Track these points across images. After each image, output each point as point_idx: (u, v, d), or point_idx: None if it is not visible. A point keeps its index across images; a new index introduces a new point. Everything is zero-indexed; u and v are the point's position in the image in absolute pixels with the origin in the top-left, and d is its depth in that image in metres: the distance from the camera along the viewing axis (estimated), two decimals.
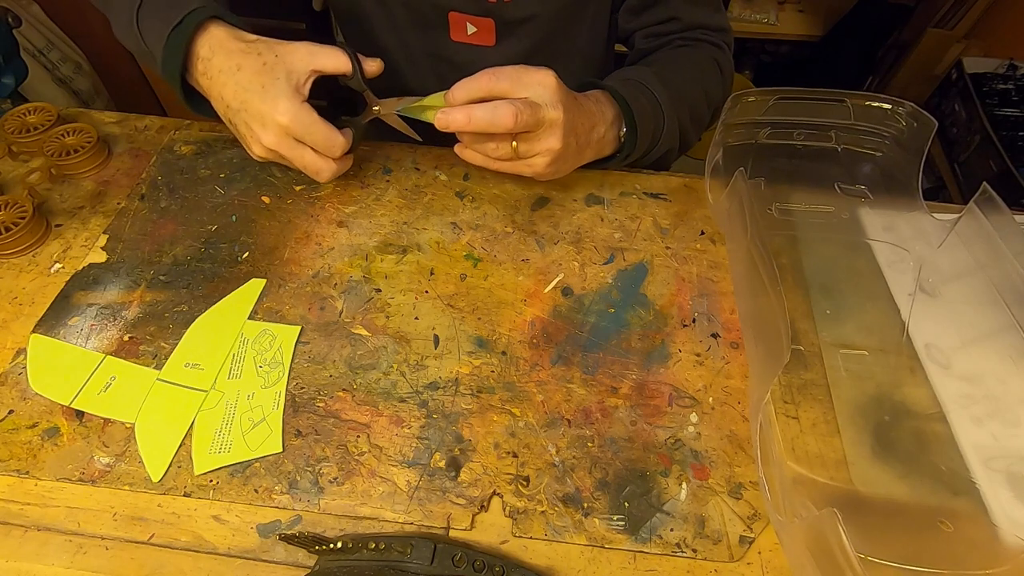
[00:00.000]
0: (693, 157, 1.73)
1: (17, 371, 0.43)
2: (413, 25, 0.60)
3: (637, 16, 0.62)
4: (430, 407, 0.42)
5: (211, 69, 0.47)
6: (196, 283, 0.48)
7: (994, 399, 0.43)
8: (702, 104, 0.58)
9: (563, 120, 0.45)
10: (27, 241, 0.49)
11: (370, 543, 0.34)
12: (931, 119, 0.51)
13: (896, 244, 0.52)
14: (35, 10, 1.25)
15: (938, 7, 1.43)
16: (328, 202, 0.54)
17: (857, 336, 0.47)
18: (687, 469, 0.40)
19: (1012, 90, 1.23)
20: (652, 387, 0.44)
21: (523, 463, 0.40)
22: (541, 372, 0.44)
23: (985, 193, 0.46)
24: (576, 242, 0.52)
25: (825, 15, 1.68)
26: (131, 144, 0.58)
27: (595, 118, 0.50)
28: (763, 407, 0.38)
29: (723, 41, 0.62)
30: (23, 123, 0.56)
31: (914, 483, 0.40)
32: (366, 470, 0.39)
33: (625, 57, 0.65)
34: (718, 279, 0.50)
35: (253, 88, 0.45)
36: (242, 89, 0.45)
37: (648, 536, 0.37)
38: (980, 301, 0.48)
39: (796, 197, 0.55)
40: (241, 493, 0.38)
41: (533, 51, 0.60)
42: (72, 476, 0.38)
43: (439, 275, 0.49)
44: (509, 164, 0.48)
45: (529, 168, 0.48)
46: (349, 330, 0.46)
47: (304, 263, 0.50)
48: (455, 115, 0.43)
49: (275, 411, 0.41)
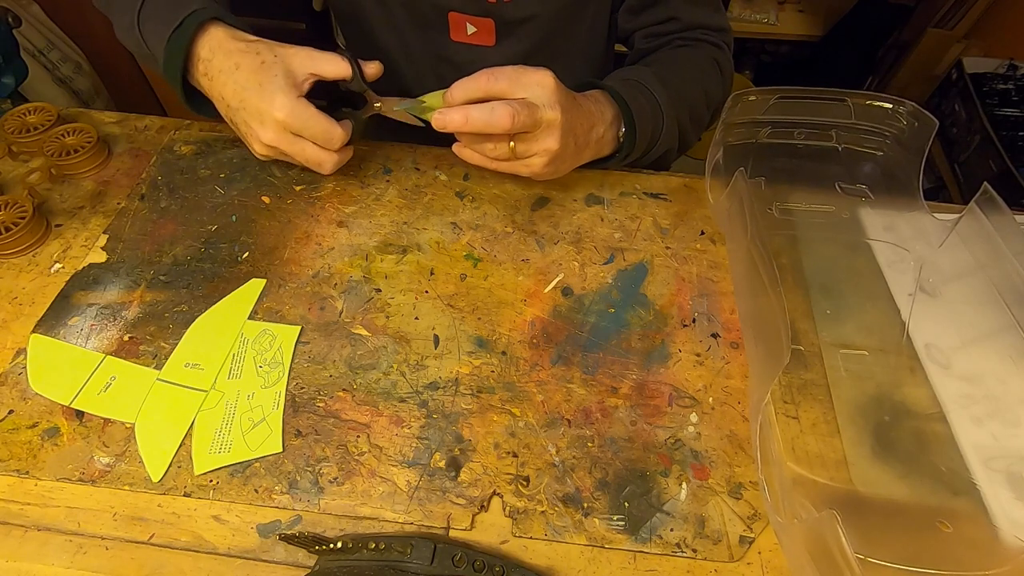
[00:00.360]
0: (693, 157, 1.72)
1: (17, 371, 0.43)
2: (413, 25, 0.60)
3: (637, 16, 0.62)
4: (430, 407, 0.42)
5: (211, 69, 0.47)
6: (196, 283, 0.48)
7: (994, 399, 0.43)
8: (701, 104, 0.58)
9: (561, 121, 0.45)
10: (27, 241, 0.49)
11: (370, 543, 0.34)
12: (932, 119, 0.51)
13: (896, 244, 0.52)
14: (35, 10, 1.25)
15: (938, 7, 1.43)
16: (328, 202, 0.54)
17: (857, 336, 0.47)
18: (687, 469, 0.40)
19: (1012, 90, 1.23)
20: (652, 387, 0.44)
21: (523, 463, 0.40)
22: (541, 372, 0.44)
23: (986, 193, 0.46)
24: (576, 242, 0.52)
25: (825, 15, 1.68)
26: (131, 144, 0.58)
27: (594, 118, 0.50)
28: (763, 407, 0.38)
29: (723, 41, 0.62)
30: (23, 123, 0.56)
31: (914, 483, 0.40)
32: (366, 470, 0.39)
33: (625, 57, 0.65)
34: (718, 279, 0.50)
35: (251, 86, 0.45)
36: (240, 88, 0.46)
37: (648, 536, 0.37)
38: (980, 301, 0.48)
39: (796, 197, 0.55)
40: (241, 493, 0.38)
41: (533, 51, 0.60)
42: (72, 476, 0.38)
43: (439, 275, 0.49)
44: (507, 164, 0.48)
45: (527, 168, 0.48)
46: (349, 330, 0.46)
47: (304, 263, 0.50)
48: (452, 115, 0.43)
49: (275, 411, 0.41)
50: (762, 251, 0.40)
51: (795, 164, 0.57)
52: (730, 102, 0.52)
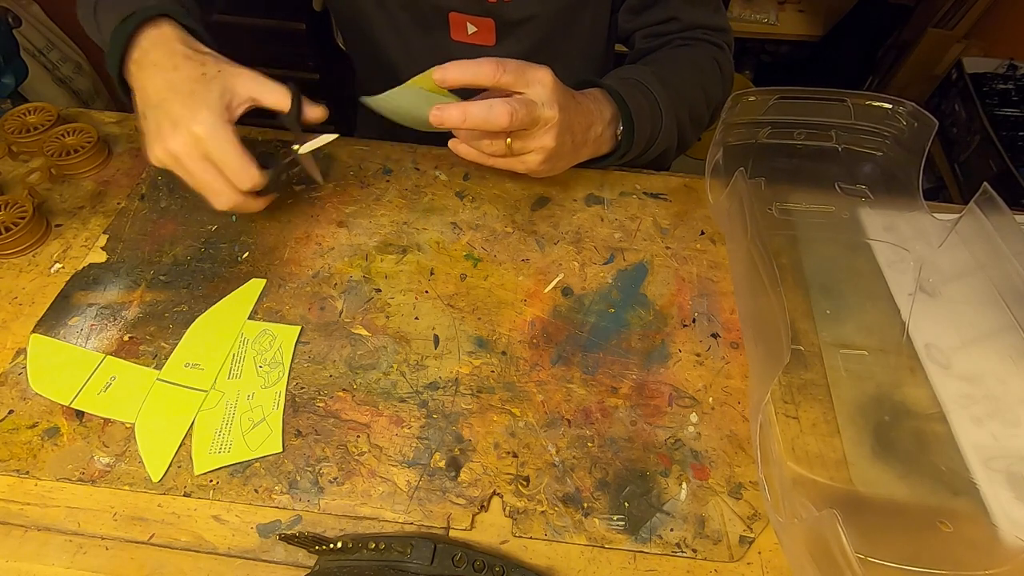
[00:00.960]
0: (693, 157, 1.73)
1: (17, 371, 0.43)
2: (413, 25, 0.60)
3: (637, 16, 0.62)
4: (430, 407, 0.42)
5: (146, 60, 0.44)
6: (196, 283, 0.48)
7: (994, 399, 0.43)
8: (701, 104, 0.58)
9: (559, 119, 0.45)
10: (27, 241, 0.49)
11: (370, 543, 0.34)
12: (932, 119, 0.51)
13: (896, 244, 0.52)
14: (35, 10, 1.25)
15: (938, 7, 1.43)
16: (328, 202, 0.54)
17: (857, 336, 0.47)
18: (687, 469, 0.40)
19: (1012, 90, 1.23)
20: (652, 387, 0.44)
21: (523, 463, 0.40)
22: (541, 372, 0.44)
23: (985, 193, 0.46)
24: (576, 242, 0.52)
25: (825, 15, 1.68)
26: (131, 144, 0.58)
27: (592, 116, 0.50)
28: (763, 407, 0.38)
29: (723, 41, 0.62)
30: (23, 123, 0.56)
31: (914, 483, 0.40)
32: (366, 470, 0.39)
33: (625, 57, 0.65)
34: (718, 279, 0.50)
35: (181, 91, 0.42)
36: (168, 87, 0.43)
37: (648, 536, 0.37)
38: (980, 301, 0.48)
39: (796, 197, 0.55)
40: (241, 493, 0.38)
41: (533, 51, 0.60)
42: (72, 476, 0.38)
43: (439, 275, 0.49)
44: (503, 160, 0.48)
45: (523, 165, 0.48)
46: (349, 330, 0.46)
47: (304, 263, 0.50)
48: (450, 112, 0.43)
49: (275, 411, 0.41)
50: (762, 251, 0.40)
51: (795, 164, 0.57)
52: (730, 102, 0.52)
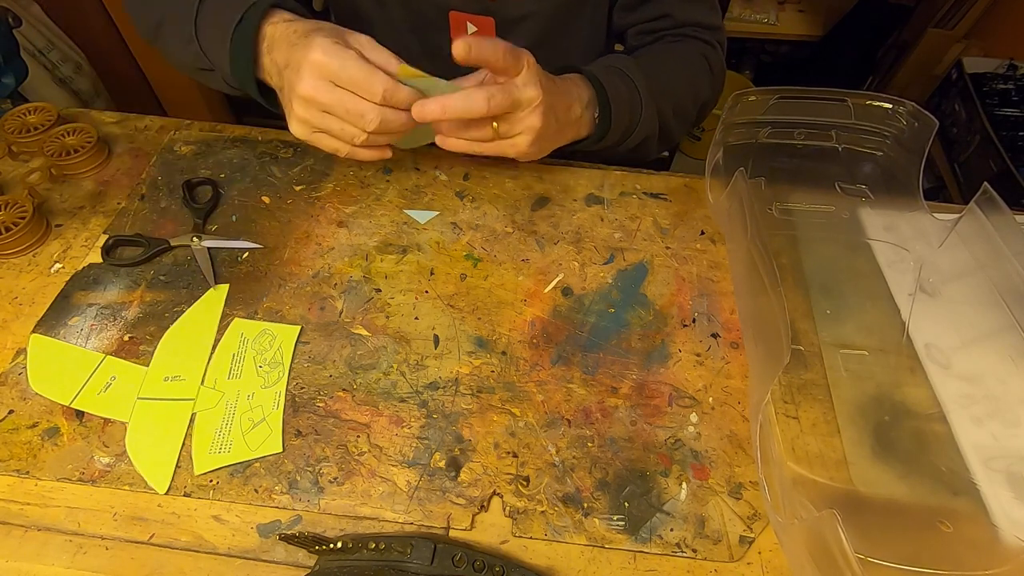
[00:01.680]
0: (693, 157, 1.73)
1: (17, 371, 0.43)
2: (413, 25, 0.60)
3: (631, 12, 0.62)
4: (430, 407, 0.42)
5: (275, 44, 0.45)
6: (196, 283, 0.48)
7: (994, 399, 0.43)
8: (687, 97, 0.58)
9: (543, 99, 0.45)
10: (27, 241, 0.49)
11: (370, 543, 0.34)
12: (932, 119, 0.51)
13: (896, 244, 0.52)
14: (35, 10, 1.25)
15: (938, 7, 1.43)
16: (328, 202, 0.54)
17: (857, 336, 0.47)
18: (687, 469, 0.40)
19: (1012, 90, 1.23)
20: (652, 387, 0.43)
21: (523, 463, 0.40)
22: (541, 372, 0.44)
23: (986, 193, 0.46)
24: (576, 242, 0.52)
25: (825, 15, 1.68)
26: (131, 144, 0.58)
27: (571, 97, 0.50)
28: (763, 407, 0.38)
29: (715, 40, 0.62)
30: (23, 123, 0.56)
31: (914, 483, 0.40)
32: (366, 470, 0.39)
33: None
34: (718, 279, 0.50)
35: (299, 42, 0.43)
36: (289, 44, 0.44)
37: (648, 536, 0.37)
38: (980, 301, 0.48)
39: (796, 197, 0.55)
40: (241, 493, 0.38)
41: (533, 48, 0.60)
42: (72, 476, 0.38)
43: (439, 275, 0.49)
44: (492, 146, 0.48)
45: (513, 148, 0.48)
46: (349, 330, 0.46)
47: (304, 263, 0.50)
48: (430, 106, 0.43)
49: (275, 411, 0.41)
50: (762, 251, 0.40)
51: (795, 164, 0.57)
52: (730, 102, 0.52)
